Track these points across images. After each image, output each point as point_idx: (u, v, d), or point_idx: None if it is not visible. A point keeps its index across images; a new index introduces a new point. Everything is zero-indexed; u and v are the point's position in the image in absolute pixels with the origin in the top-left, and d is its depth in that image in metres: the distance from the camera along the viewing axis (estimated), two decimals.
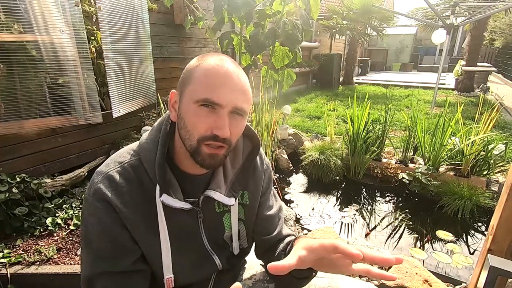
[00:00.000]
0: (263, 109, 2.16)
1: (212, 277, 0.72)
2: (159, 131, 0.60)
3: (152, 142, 0.59)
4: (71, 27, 1.84)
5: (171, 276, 0.61)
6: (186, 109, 0.55)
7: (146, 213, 0.58)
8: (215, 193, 0.62)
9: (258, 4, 2.07)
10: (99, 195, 0.55)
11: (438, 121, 2.54)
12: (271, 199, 0.78)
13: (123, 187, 0.57)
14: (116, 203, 0.55)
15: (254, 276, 0.80)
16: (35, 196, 1.75)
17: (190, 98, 0.54)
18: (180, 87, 0.57)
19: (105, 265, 0.56)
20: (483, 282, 0.78)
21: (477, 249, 1.85)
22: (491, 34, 8.49)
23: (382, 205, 2.40)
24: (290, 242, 0.70)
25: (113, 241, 0.56)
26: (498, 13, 6.96)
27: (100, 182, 0.56)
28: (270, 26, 2.22)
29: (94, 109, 2.07)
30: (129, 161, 0.59)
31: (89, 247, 0.57)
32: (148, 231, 0.58)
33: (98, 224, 0.56)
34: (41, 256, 1.41)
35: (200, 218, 0.65)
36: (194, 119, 0.54)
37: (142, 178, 0.58)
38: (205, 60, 0.55)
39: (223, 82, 0.53)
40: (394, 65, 14.77)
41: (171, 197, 0.57)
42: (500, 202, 0.96)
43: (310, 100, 6.20)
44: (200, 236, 0.66)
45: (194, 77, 0.54)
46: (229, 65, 0.55)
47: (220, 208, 0.68)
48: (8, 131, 1.75)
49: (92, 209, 0.56)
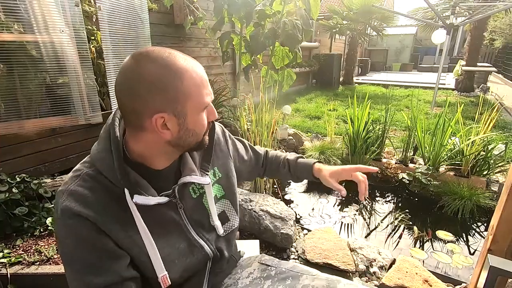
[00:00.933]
0: (263, 109, 2.16)
1: (207, 265, 0.73)
2: (108, 140, 0.58)
3: (104, 150, 0.57)
4: (71, 27, 1.84)
5: (165, 273, 0.60)
6: (195, 121, 0.59)
7: (121, 217, 0.57)
8: (191, 176, 0.65)
9: (258, 4, 2.07)
10: (67, 212, 0.53)
11: (438, 121, 2.54)
12: (242, 150, 0.90)
13: (89, 196, 0.55)
14: (87, 213, 0.53)
15: (252, 274, 0.81)
16: (35, 196, 1.75)
17: (198, 109, 0.58)
18: (171, 107, 0.54)
19: (98, 279, 0.54)
20: (483, 282, 0.78)
21: (477, 249, 1.85)
22: (491, 34, 8.49)
23: (382, 205, 2.40)
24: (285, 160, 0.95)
25: (98, 250, 0.55)
26: (498, 13, 6.96)
27: (64, 200, 0.54)
28: (270, 26, 2.22)
29: (94, 109, 2.07)
30: (85, 172, 0.57)
31: (74, 267, 0.55)
32: (129, 235, 0.57)
33: (77, 240, 0.54)
34: (41, 256, 1.40)
35: (180, 208, 0.65)
36: (204, 122, 0.61)
37: (104, 184, 0.57)
38: (177, 69, 0.54)
39: (206, 80, 0.59)
40: (394, 65, 14.77)
41: (143, 196, 0.57)
42: (500, 202, 0.96)
43: (310, 100, 6.20)
44: (185, 226, 0.66)
45: (188, 91, 0.55)
46: (192, 61, 0.58)
47: (195, 193, 0.69)
48: (8, 131, 1.75)
49: (65, 229, 0.54)
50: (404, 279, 1.41)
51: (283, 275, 0.78)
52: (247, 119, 2.68)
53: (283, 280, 0.76)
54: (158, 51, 0.54)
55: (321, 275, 0.77)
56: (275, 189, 2.43)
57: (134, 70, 0.53)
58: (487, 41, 9.02)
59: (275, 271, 0.80)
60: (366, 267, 1.57)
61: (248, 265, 0.84)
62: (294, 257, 1.68)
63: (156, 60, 0.53)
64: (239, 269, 0.83)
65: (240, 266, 0.85)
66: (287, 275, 0.77)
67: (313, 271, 0.79)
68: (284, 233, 1.72)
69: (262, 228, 1.78)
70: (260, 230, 1.79)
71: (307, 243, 1.68)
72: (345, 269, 1.50)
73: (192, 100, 0.56)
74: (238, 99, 2.53)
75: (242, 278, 0.80)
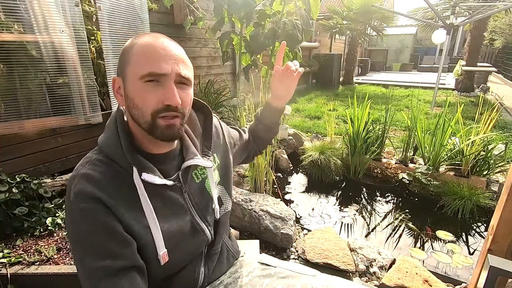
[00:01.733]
0: None
1: (203, 251, 0.74)
2: (114, 125, 0.61)
3: (112, 136, 0.60)
4: (71, 27, 1.84)
5: (165, 250, 0.61)
6: (132, 89, 0.56)
7: (129, 199, 0.58)
8: (194, 160, 0.66)
9: (258, 4, 2.07)
10: (82, 195, 0.54)
11: (438, 121, 2.55)
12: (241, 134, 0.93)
13: (101, 179, 0.56)
14: (102, 196, 0.54)
15: (251, 273, 0.81)
16: (35, 196, 1.75)
17: (134, 76, 0.56)
18: (121, 71, 0.58)
19: (109, 263, 0.54)
20: (483, 282, 0.78)
21: (477, 249, 1.85)
22: (491, 34, 8.49)
23: (382, 205, 2.40)
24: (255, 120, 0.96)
25: (110, 234, 0.55)
26: (498, 13, 6.96)
27: (77, 184, 0.55)
28: (270, 26, 2.22)
29: (94, 109, 2.07)
30: (95, 157, 0.59)
31: (86, 251, 0.54)
32: (136, 216, 0.58)
33: (91, 223, 0.54)
34: (41, 256, 1.40)
35: (185, 192, 0.66)
36: (143, 95, 0.56)
37: (113, 167, 0.58)
38: (139, 39, 0.57)
39: (162, 53, 0.56)
40: (394, 65, 14.77)
41: (151, 174, 0.58)
42: (500, 202, 0.97)
43: (310, 100, 6.20)
44: (189, 209, 0.67)
45: (133, 55, 0.56)
46: (164, 38, 0.59)
47: (198, 177, 0.71)
48: (8, 131, 1.75)
49: (79, 214, 0.54)
50: (404, 279, 1.41)
51: (283, 274, 0.78)
52: (247, 119, 2.68)
53: (282, 279, 0.76)
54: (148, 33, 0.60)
55: (320, 276, 0.77)
56: (275, 189, 2.43)
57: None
58: (487, 41, 9.03)
59: (275, 271, 0.80)
60: (366, 267, 1.57)
61: (248, 265, 0.85)
62: (294, 257, 1.68)
63: (135, 36, 0.59)
64: (238, 268, 0.84)
65: (240, 266, 0.85)
66: (286, 275, 0.77)
67: (312, 271, 0.79)
68: (284, 233, 1.72)
69: (262, 228, 1.78)
70: (260, 230, 1.79)
71: (307, 243, 1.68)
72: (345, 269, 1.50)
73: (131, 64, 0.56)
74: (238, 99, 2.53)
75: (241, 277, 0.80)
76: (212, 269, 0.77)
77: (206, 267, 0.75)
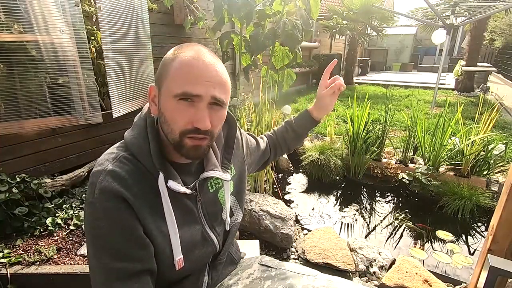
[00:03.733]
0: (263, 109, 2.16)
1: (208, 260, 0.74)
2: (144, 126, 0.60)
3: (140, 136, 0.59)
4: (71, 27, 1.84)
5: (181, 256, 0.61)
6: (165, 104, 0.56)
7: (153, 202, 0.57)
8: (214, 172, 0.65)
9: (258, 4, 2.07)
10: (107, 193, 0.53)
11: (438, 121, 2.54)
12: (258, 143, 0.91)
13: (128, 178, 0.55)
14: (127, 195, 0.54)
15: (252, 275, 0.81)
16: (35, 196, 1.75)
17: (168, 93, 0.55)
18: (158, 82, 0.58)
19: (123, 265, 0.53)
20: (483, 282, 0.78)
21: (477, 249, 1.85)
22: (491, 34, 8.48)
23: (382, 205, 2.40)
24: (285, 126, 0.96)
25: (131, 235, 0.54)
26: (498, 13, 6.95)
27: (103, 180, 0.54)
28: (270, 26, 2.22)
29: (94, 109, 2.07)
30: (122, 154, 0.58)
31: (103, 251, 0.53)
32: (156, 221, 0.58)
33: (113, 224, 0.53)
34: (41, 256, 1.41)
35: (199, 201, 0.66)
36: (174, 113, 0.55)
37: (139, 168, 0.58)
38: (182, 53, 0.55)
39: (200, 73, 0.54)
40: (394, 65, 14.77)
41: (175, 182, 0.58)
42: (500, 202, 0.97)
43: (310, 100, 6.20)
44: (200, 218, 0.67)
45: (171, 71, 0.55)
46: (206, 56, 0.56)
47: (212, 187, 0.70)
48: (8, 131, 1.75)
49: (102, 211, 0.53)
50: (404, 279, 1.41)
51: (283, 275, 0.78)
52: (247, 119, 2.68)
53: (283, 280, 0.76)
54: (192, 43, 0.58)
55: (321, 276, 0.77)
56: (275, 189, 2.43)
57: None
58: (487, 41, 9.02)
59: (275, 272, 0.80)
60: (366, 267, 1.57)
61: (249, 266, 0.84)
62: (294, 257, 1.68)
63: (179, 46, 0.58)
64: (239, 270, 0.84)
65: (240, 267, 0.85)
66: (287, 276, 0.77)
67: (313, 271, 0.79)
68: (284, 233, 1.72)
69: (262, 228, 1.78)
70: (260, 230, 1.79)
71: (307, 243, 1.68)
72: (345, 269, 1.50)
73: (168, 80, 0.55)
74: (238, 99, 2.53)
75: (242, 278, 0.80)
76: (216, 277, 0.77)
77: (210, 276, 0.75)
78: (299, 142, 0.99)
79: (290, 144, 0.97)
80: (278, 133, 0.98)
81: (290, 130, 0.95)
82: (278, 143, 0.97)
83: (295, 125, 0.94)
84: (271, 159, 1.00)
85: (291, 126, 0.94)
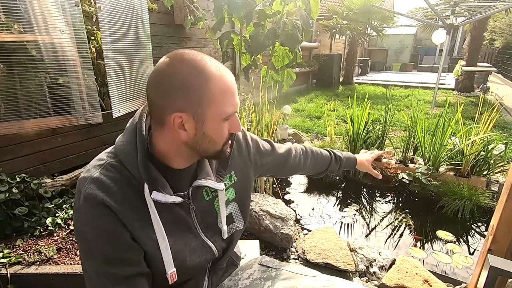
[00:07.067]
0: (263, 109, 2.16)
1: (208, 265, 0.74)
2: (134, 134, 0.59)
3: (129, 143, 0.58)
4: (71, 27, 1.83)
5: (174, 270, 0.61)
6: (213, 128, 0.58)
7: (139, 210, 0.57)
8: (207, 180, 0.65)
9: (258, 4, 2.07)
10: (91, 200, 0.54)
11: (438, 121, 2.54)
12: (273, 148, 0.89)
13: (112, 186, 0.55)
14: (110, 203, 0.54)
15: (252, 275, 0.81)
16: (35, 196, 1.75)
17: (218, 118, 0.57)
18: (192, 108, 0.54)
19: (116, 270, 0.55)
20: (483, 282, 0.78)
21: (477, 249, 1.85)
22: (491, 34, 8.49)
23: (382, 205, 2.40)
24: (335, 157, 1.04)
25: (117, 242, 0.55)
26: (498, 13, 6.96)
27: (87, 188, 0.55)
28: (270, 26, 2.22)
29: (94, 109, 2.07)
30: (109, 162, 0.58)
31: (93, 257, 0.55)
32: (144, 228, 0.58)
33: (98, 230, 0.54)
34: (41, 256, 1.41)
35: (192, 209, 0.66)
36: (223, 132, 0.60)
37: (126, 176, 0.57)
38: (208, 72, 0.55)
39: (234, 91, 0.59)
40: (394, 65, 14.77)
41: (161, 193, 0.57)
42: (500, 202, 0.96)
43: (310, 100, 6.20)
44: (194, 227, 0.67)
45: (212, 96, 0.55)
46: (224, 69, 0.58)
47: (208, 195, 0.70)
48: (8, 131, 1.75)
49: (86, 218, 0.55)
50: (404, 279, 1.41)
51: (283, 276, 0.78)
52: (247, 119, 2.68)
53: (283, 281, 0.76)
54: (192, 54, 0.56)
55: (321, 276, 0.77)
56: (275, 189, 2.43)
57: (166, 68, 0.55)
58: (487, 41, 9.02)
59: (276, 273, 0.80)
60: (366, 267, 1.57)
61: (249, 267, 0.84)
62: (294, 257, 1.68)
63: (189, 62, 0.54)
64: (239, 271, 0.84)
65: (240, 268, 0.85)
66: (287, 276, 0.77)
67: (313, 272, 0.79)
68: (284, 233, 1.72)
69: (262, 228, 1.78)
70: (260, 230, 1.79)
71: (307, 243, 1.68)
72: (345, 269, 1.50)
73: (214, 106, 0.55)
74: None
75: (242, 279, 0.80)
76: (216, 282, 0.78)
77: (210, 281, 0.75)
78: (318, 174, 1.08)
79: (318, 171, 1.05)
80: (318, 157, 1.02)
81: (339, 164, 1.05)
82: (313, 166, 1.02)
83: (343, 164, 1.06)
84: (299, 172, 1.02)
85: (341, 162, 1.05)
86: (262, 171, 0.87)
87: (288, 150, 0.93)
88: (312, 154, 1.00)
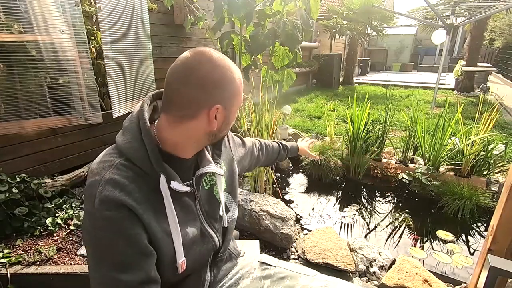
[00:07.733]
0: (263, 109, 2.16)
1: (209, 257, 0.74)
2: (137, 130, 0.59)
3: (135, 140, 0.58)
4: (71, 27, 1.84)
5: (184, 259, 0.61)
6: (233, 117, 0.67)
7: (155, 204, 0.57)
8: (209, 166, 0.67)
9: (258, 4, 2.07)
10: (108, 202, 0.52)
11: (438, 121, 2.54)
12: (243, 140, 0.96)
13: (128, 185, 0.54)
14: (129, 202, 0.53)
15: (252, 274, 0.81)
16: (35, 196, 1.75)
17: (236, 108, 0.66)
18: (225, 101, 0.61)
19: (128, 276, 0.53)
20: (483, 282, 0.78)
21: (477, 249, 1.85)
22: (491, 34, 8.49)
23: (382, 205, 2.40)
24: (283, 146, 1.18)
25: (134, 245, 0.54)
26: (498, 13, 6.96)
27: (103, 190, 0.53)
28: (270, 26, 2.22)
29: (94, 109, 2.07)
30: (118, 161, 0.57)
31: (105, 262, 0.53)
32: (159, 222, 0.58)
33: (115, 234, 0.53)
34: (41, 256, 1.41)
35: (197, 198, 0.67)
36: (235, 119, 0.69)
37: (138, 172, 0.57)
38: (235, 72, 0.63)
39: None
40: (394, 65, 14.77)
41: (177, 182, 0.60)
42: (500, 202, 0.97)
43: (310, 100, 6.20)
44: (198, 215, 0.68)
45: (237, 89, 0.64)
46: (236, 67, 0.65)
47: (207, 184, 0.71)
48: (8, 131, 1.75)
49: (103, 222, 0.52)
50: (404, 279, 1.41)
51: (282, 274, 0.78)
52: (247, 119, 2.68)
53: (282, 280, 0.76)
54: (215, 51, 0.61)
55: (319, 276, 0.77)
56: (275, 189, 2.43)
57: (203, 65, 0.58)
58: (487, 41, 9.02)
59: (275, 271, 0.80)
60: (366, 267, 1.57)
61: (248, 265, 0.85)
62: (294, 257, 1.68)
63: (219, 59, 0.60)
64: (239, 269, 0.84)
65: (240, 267, 0.85)
66: (286, 275, 0.78)
67: (311, 271, 0.79)
68: (284, 233, 1.72)
69: (262, 228, 1.78)
70: (260, 230, 1.79)
71: (307, 243, 1.68)
72: (345, 269, 1.50)
73: (237, 98, 0.64)
74: None
75: (243, 278, 0.81)
76: (218, 275, 0.78)
77: (212, 273, 0.75)
78: (269, 164, 1.21)
79: (271, 162, 1.18)
80: (271, 148, 1.13)
81: (285, 153, 1.19)
82: (267, 157, 1.11)
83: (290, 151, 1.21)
84: (259, 164, 1.09)
85: (288, 150, 1.19)
86: (241, 165, 0.91)
87: (252, 143, 1.02)
88: (266, 146, 1.10)
